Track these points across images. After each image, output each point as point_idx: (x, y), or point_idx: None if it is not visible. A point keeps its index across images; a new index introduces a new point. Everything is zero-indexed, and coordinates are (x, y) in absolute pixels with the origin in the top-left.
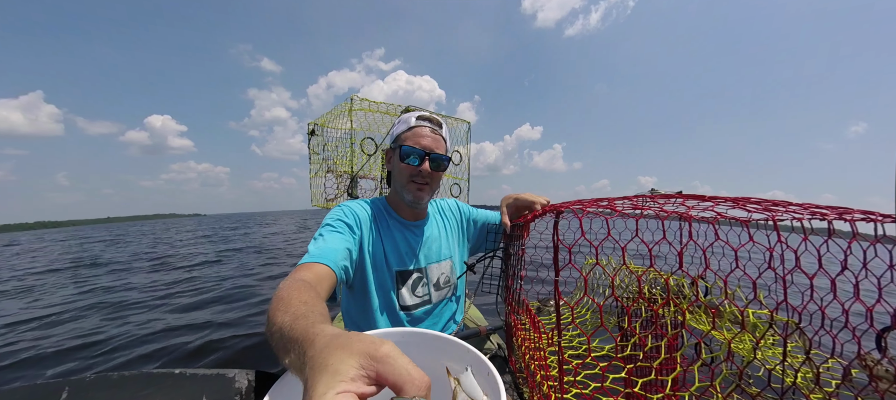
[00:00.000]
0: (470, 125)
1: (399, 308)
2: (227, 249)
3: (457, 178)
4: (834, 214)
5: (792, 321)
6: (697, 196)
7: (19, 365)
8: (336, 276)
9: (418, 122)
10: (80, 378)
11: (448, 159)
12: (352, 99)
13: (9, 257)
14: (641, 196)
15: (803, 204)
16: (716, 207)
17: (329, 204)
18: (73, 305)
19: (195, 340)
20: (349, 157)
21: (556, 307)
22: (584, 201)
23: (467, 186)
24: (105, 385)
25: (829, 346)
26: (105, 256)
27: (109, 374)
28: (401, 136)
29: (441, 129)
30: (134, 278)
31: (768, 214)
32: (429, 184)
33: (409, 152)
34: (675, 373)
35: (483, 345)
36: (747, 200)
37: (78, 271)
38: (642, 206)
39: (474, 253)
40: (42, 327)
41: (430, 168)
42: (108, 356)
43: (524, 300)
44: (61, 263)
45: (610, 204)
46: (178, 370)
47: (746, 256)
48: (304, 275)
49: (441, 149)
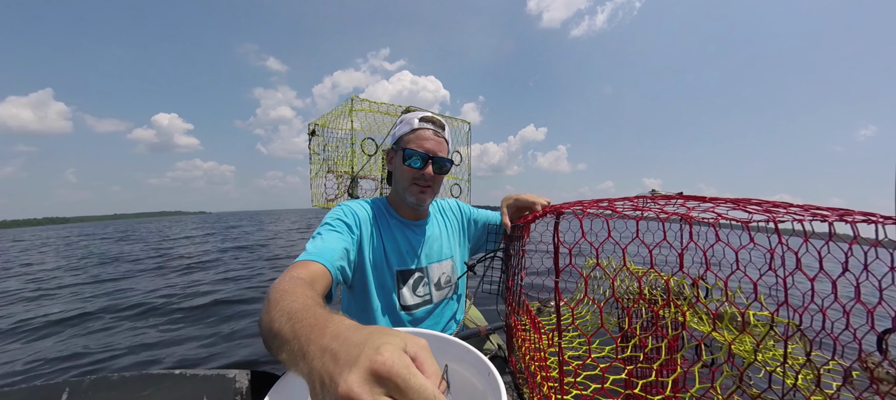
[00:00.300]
0: (470, 126)
1: (400, 308)
2: (233, 246)
3: (457, 179)
4: (834, 216)
5: (793, 323)
6: (698, 197)
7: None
8: (332, 276)
9: (421, 124)
10: (80, 379)
11: (451, 162)
12: (352, 99)
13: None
14: (642, 197)
15: (804, 206)
16: (716, 209)
17: (329, 204)
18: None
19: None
20: (350, 158)
21: (557, 308)
22: (585, 202)
23: (468, 187)
24: (105, 386)
25: (830, 347)
26: (113, 250)
27: (109, 375)
28: (404, 138)
29: (444, 131)
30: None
31: (769, 215)
32: (431, 187)
33: (412, 155)
34: (675, 374)
35: (483, 345)
36: (748, 202)
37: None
38: (643, 207)
39: (475, 253)
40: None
41: (434, 171)
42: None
43: (524, 301)
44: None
45: (610, 205)
46: (179, 371)
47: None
48: (300, 272)
49: (444, 152)
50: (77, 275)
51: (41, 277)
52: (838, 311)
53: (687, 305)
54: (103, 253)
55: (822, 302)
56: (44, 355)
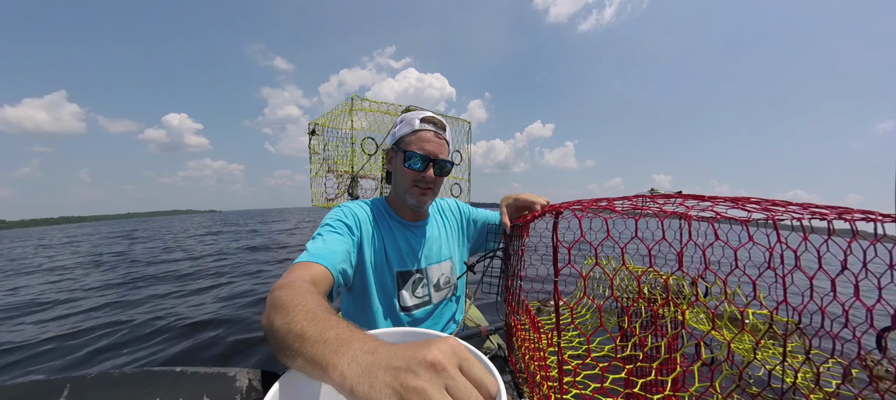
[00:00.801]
0: (471, 125)
1: (399, 309)
2: (243, 245)
3: (457, 178)
4: (833, 214)
5: (791, 321)
6: (697, 196)
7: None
8: (333, 278)
9: (422, 125)
10: (81, 376)
11: (452, 164)
12: (352, 99)
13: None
14: (641, 196)
15: (803, 204)
16: (715, 207)
17: (329, 204)
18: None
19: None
20: (350, 157)
21: (556, 308)
22: (584, 202)
23: (468, 186)
24: (106, 383)
25: (829, 346)
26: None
27: (111, 372)
28: (404, 139)
29: (445, 131)
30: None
31: (768, 213)
32: (432, 189)
33: (413, 157)
34: (674, 373)
35: (483, 345)
36: (747, 200)
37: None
38: (642, 206)
39: (474, 253)
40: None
41: (435, 173)
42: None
43: (524, 300)
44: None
45: (609, 204)
46: (179, 368)
47: (746, 257)
48: (303, 274)
49: (445, 153)
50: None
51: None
52: (838, 309)
53: (686, 304)
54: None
55: (822, 300)
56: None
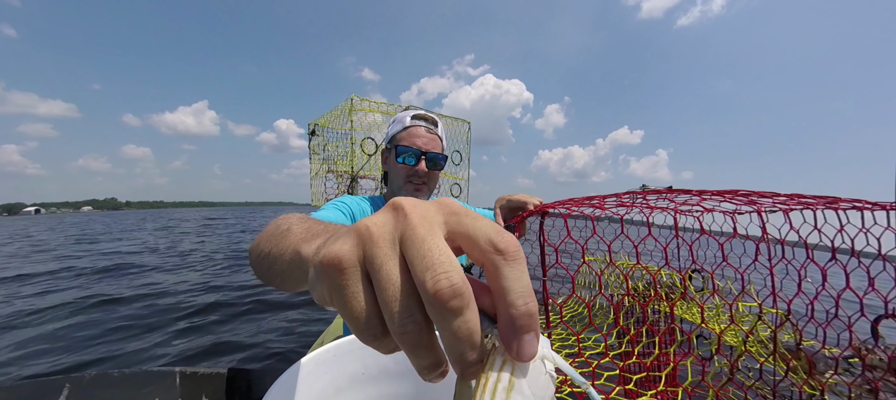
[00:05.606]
0: (470, 125)
1: None
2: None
3: (457, 178)
4: (822, 204)
5: (782, 313)
6: (686, 191)
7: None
8: None
9: (413, 121)
10: (80, 375)
11: (445, 158)
12: (352, 99)
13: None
14: (631, 193)
15: (790, 194)
16: (703, 202)
17: None
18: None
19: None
20: (349, 157)
21: (545, 306)
22: (574, 200)
23: (467, 186)
24: (106, 383)
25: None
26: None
27: (110, 372)
28: (396, 137)
29: (437, 127)
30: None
31: (754, 206)
32: (426, 183)
33: (405, 152)
34: (668, 369)
35: None
36: (735, 193)
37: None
38: (631, 203)
39: None
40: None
41: (427, 167)
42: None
43: None
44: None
45: (599, 202)
46: (179, 369)
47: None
48: None
49: (437, 148)
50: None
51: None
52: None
53: (677, 298)
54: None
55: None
56: None
